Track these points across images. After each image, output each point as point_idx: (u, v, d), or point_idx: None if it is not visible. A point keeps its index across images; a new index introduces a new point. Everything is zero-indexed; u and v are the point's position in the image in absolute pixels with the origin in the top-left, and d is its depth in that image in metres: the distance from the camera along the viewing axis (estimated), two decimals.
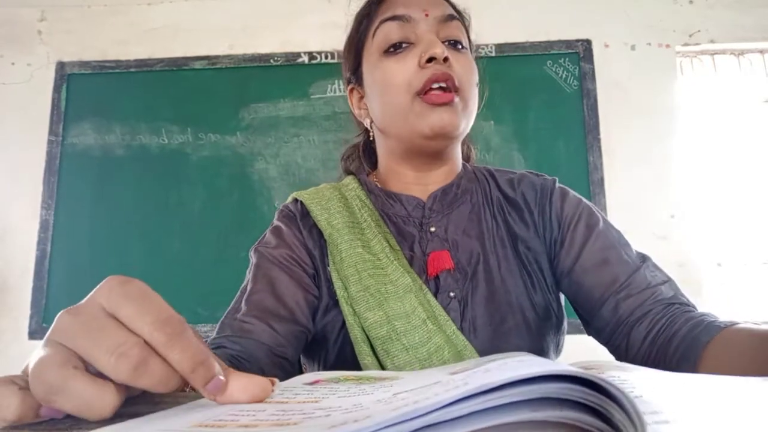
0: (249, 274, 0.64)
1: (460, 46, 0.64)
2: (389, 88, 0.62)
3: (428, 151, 0.66)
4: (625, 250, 0.61)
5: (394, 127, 0.65)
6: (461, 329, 0.59)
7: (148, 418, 0.26)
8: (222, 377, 0.28)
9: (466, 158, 0.79)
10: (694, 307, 0.57)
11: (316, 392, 0.30)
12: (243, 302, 0.60)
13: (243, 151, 2.21)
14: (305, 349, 0.65)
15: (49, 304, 2.13)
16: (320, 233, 0.66)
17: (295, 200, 0.70)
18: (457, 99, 0.61)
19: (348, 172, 0.77)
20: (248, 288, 0.61)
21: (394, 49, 0.63)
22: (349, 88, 0.73)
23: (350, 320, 0.60)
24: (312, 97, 2.23)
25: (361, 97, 0.71)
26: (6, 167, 2.26)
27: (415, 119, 0.61)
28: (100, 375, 0.27)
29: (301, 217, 0.68)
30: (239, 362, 0.52)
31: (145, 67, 2.29)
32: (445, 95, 0.60)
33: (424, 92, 0.60)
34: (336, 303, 0.62)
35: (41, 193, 2.21)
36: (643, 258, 0.61)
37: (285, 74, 2.24)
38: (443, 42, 0.62)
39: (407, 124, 0.62)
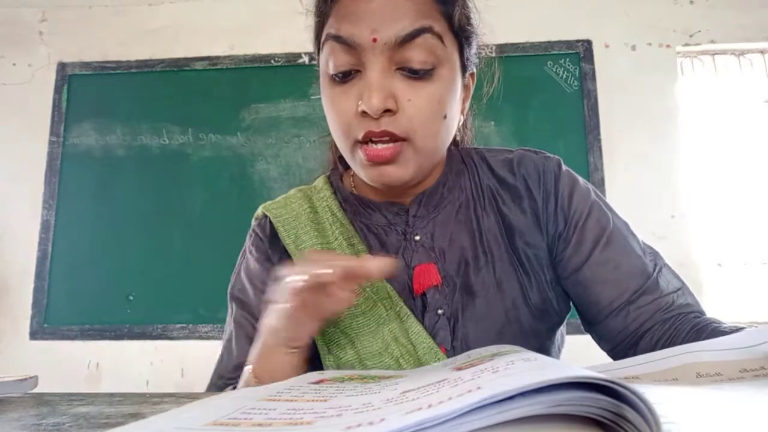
0: (229, 326, 0.61)
1: (422, 72, 0.52)
2: (332, 122, 0.56)
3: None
4: (635, 248, 0.58)
5: (347, 159, 0.58)
6: (453, 348, 0.55)
7: (159, 417, 0.26)
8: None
9: (456, 142, 0.69)
10: (703, 312, 0.55)
11: (323, 391, 0.31)
12: (232, 369, 0.58)
13: (244, 151, 2.21)
14: None
15: (50, 305, 2.13)
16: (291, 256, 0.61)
17: (264, 217, 0.65)
18: (401, 150, 0.52)
19: (334, 164, 0.70)
20: (233, 347, 0.59)
21: (342, 76, 0.53)
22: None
23: (326, 362, 0.56)
24: (313, 97, 2.23)
25: None
26: (7, 168, 2.26)
27: (359, 168, 0.56)
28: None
29: (270, 241, 0.63)
30: None
31: (145, 67, 2.29)
32: (384, 152, 0.52)
33: (364, 141, 0.53)
34: (313, 340, 0.57)
35: (42, 193, 2.21)
36: (655, 259, 0.58)
37: (286, 75, 2.24)
38: (399, 68, 0.52)
39: (355, 166, 0.57)
